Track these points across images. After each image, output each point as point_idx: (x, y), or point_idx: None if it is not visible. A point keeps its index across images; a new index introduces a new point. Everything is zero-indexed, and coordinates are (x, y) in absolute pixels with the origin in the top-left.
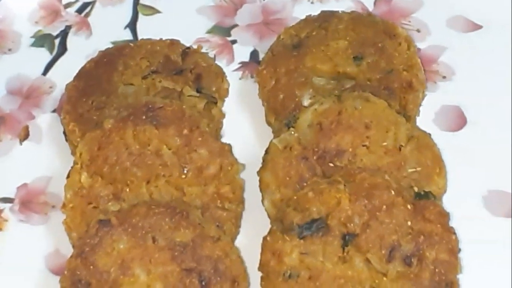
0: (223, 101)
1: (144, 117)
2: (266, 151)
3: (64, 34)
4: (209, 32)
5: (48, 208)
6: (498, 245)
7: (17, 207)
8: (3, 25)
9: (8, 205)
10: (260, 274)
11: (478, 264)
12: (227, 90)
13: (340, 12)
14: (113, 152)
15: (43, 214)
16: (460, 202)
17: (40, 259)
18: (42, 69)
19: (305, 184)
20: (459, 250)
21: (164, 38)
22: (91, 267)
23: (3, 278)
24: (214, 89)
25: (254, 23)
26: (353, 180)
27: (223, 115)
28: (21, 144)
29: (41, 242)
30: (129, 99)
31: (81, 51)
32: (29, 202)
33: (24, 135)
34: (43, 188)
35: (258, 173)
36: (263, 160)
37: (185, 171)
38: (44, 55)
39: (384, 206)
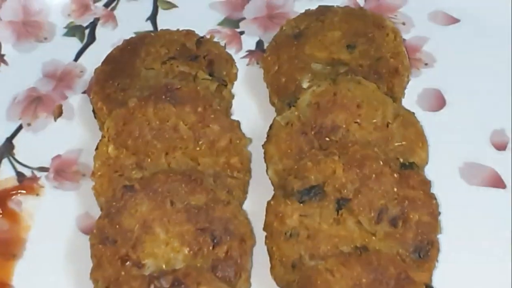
0: (233, 84)
1: (163, 96)
2: (270, 127)
3: (93, 25)
4: (220, 24)
5: (79, 176)
6: (473, 209)
7: (52, 176)
8: (39, 17)
9: (44, 173)
10: (264, 233)
11: (455, 225)
12: (236, 74)
13: (335, 6)
14: (136, 127)
15: (74, 181)
16: (440, 172)
17: (72, 220)
18: (73, 56)
19: (304, 155)
20: (439, 213)
21: (180, 29)
22: (117, 226)
23: (39, 237)
24: (224, 73)
25: (260, 16)
26: (347, 152)
27: (232, 96)
28: (55, 120)
29: (73, 206)
30: (150, 81)
31: (107, 40)
32: (62, 171)
33: (58, 113)
34: (74, 159)
35: (263, 146)
36: (268, 135)
37: (199, 144)
38: (75, 44)
39: (374, 175)
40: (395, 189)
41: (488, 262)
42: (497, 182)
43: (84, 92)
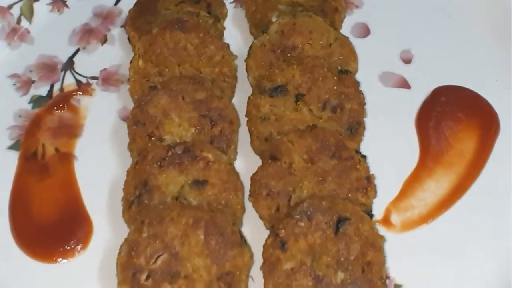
0: (224, 20)
1: (176, 26)
2: (250, 47)
3: None
4: None
5: (119, 83)
6: (387, 102)
7: (100, 82)
8: None
9: (95, 81)
10: (246, 118)
11: (375, 112)
12: (226, 13)
13: None
14: (158, 47)
15: (116, 86)
16: (365, 77)
17: (114, 111)
18: (114, 1)
19: (273, 66)
20: (365, 104)
21: None
22: (145, 113)
23: (93, 123)
24: (218, 12)
25: None
26: (302, 63)
27: (224, 28)
28: (102, 45)
29: (115, 102)
30: (167, 17)
31: None
32: (107, 79)
33: (104, 40)
34: (116, 71)
35: (245, 60)
36: (248, 53)
37: (201, 59)
38: None
39: (320, 78)
40: (335, 87)
41: (394, 133)
42: (404, 84)
43: (122, 26)
